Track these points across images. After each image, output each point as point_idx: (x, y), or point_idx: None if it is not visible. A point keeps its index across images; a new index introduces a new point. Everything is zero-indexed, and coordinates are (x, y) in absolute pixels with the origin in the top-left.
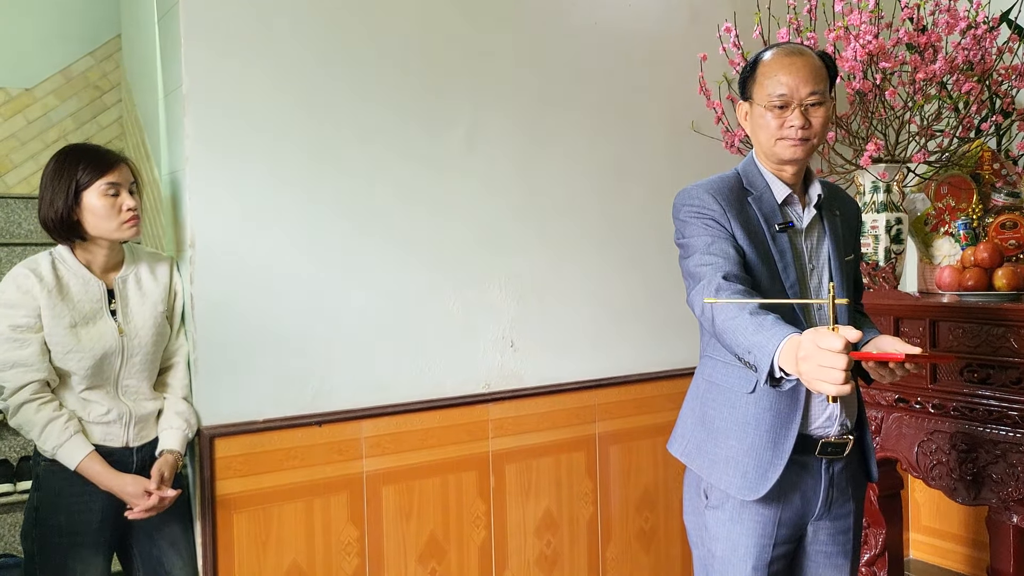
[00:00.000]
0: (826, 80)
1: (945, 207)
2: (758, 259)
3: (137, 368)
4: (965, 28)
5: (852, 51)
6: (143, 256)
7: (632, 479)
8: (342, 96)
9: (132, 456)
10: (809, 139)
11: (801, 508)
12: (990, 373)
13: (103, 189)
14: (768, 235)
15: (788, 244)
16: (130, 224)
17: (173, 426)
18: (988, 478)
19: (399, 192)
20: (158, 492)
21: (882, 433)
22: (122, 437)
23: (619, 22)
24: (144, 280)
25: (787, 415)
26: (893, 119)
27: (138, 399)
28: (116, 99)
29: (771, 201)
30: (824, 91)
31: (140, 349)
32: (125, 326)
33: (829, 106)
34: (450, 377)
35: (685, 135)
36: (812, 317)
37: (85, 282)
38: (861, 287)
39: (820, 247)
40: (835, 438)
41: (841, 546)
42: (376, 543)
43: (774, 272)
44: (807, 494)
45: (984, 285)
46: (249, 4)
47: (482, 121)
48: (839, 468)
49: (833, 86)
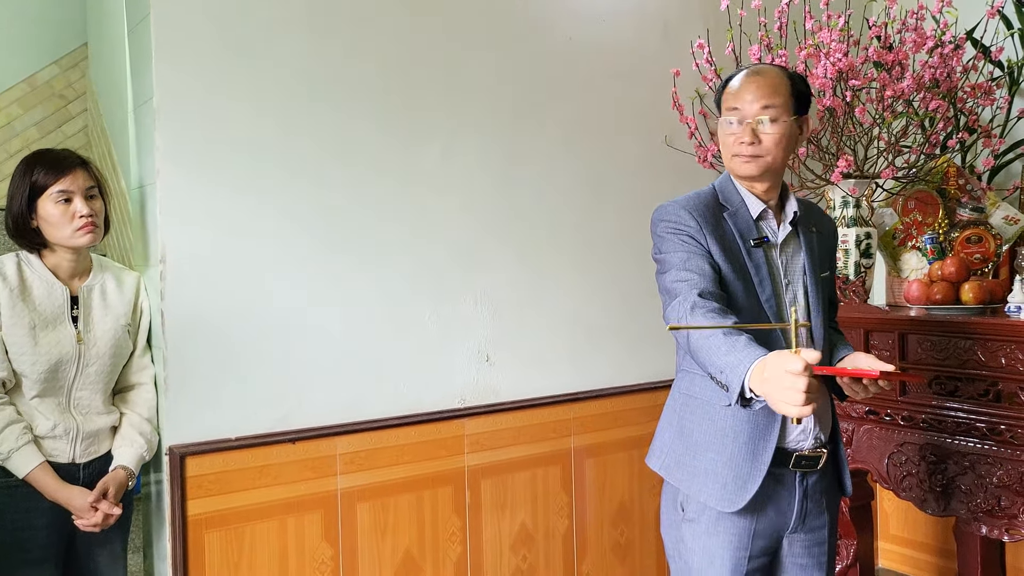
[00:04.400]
0: (785, 97)
1: (912, 222)
2: (734, 274)
3: (92, 379)
4: (932, 47)
5: (822, 68)
6: (111, 268)
7: (607, 492)
8: (317, 111)
9: (79, 472)
10: (760, 156)
11: (776, 520)
12: (958, 385)
13: (55, 197)
14: (744, 250)
15: (763, 259)
16: (84, 231)
17: (131, 443)
18: (957, 489)
19: (374, 208)
20: (103, 508)
21: (853, 445)
22: (68, 453)
23: (593, 38)
24: (110, 291)
25: (765, 428)
26: (862, 135)
27: (89, 413)
28: (82, 108)
29: (746, 216)
30: (780, 107)
31: (97, 360)
32: (85, 335)
33: (786, 124)
34: (426, 392)
35: (659, 150)
36: (789, 334)
37: (49, 286)
38: (836, 304)
39: (795, 262)
40: (809, 451)
41: (815, 558)
42: (351, 561)
43: (750, 287)
44: (782, 506)
45: (951, 299)
46: (222, 17)
47: (458, 137)
48: (813, 481)
49: (804, 105)
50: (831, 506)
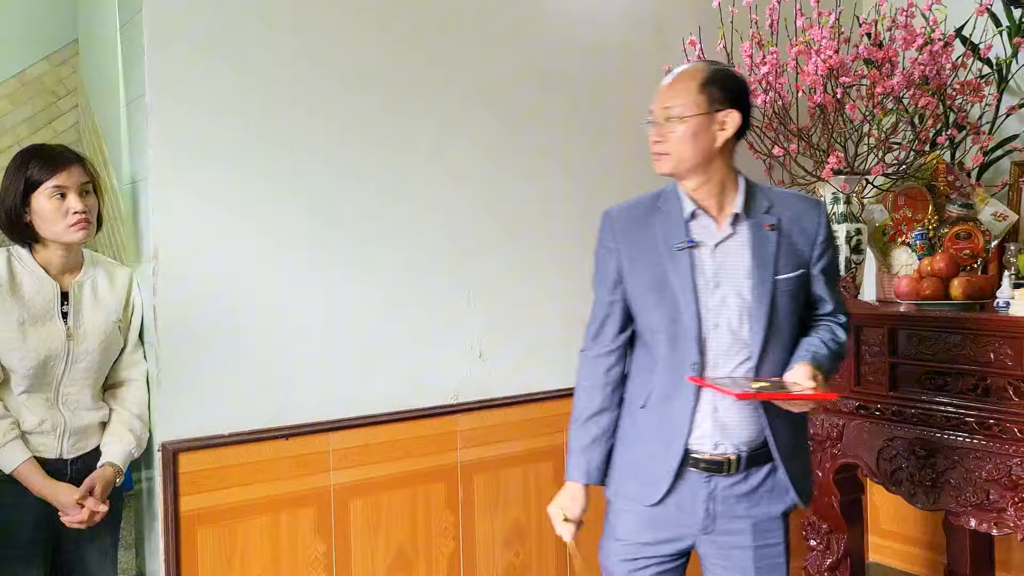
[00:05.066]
0: (693, 95)
1: (902, 218)
2: (646, 286)
3: (80, 375)
4: (922, 44)
5: (813, 65)
6: (104, 264)
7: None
8: (308, 109)
9: (66, 467)
10: (666, 154)
11: (678, 516)
12: (947, 380)
13: (49, 192)
14: (668, 254)
15: (688, 262)
16: (78, 227)
17: (120, 439)
18: (947, 483)
19: (367, 205)
20: (88, 505)
21: (843, 440)
22: (56, 448)
23: (586, 35)
24: (101, 287)
25: (676, 429)
26: (852, 132)
27: (78, 409)
28: (72, 105)
29: (676, 218)
30: (684, 106)
31: (86, 356)
32: (74, 330)
33: (692, 121)
34: (418, 388)
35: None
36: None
37: (39, 282)
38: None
39: (734, 263)
40: (709, 455)
41: (736, 561)
42: (344, 557)
43: (666, 295)
44: (684, 504)
45: (941, 294)
46: (214, 15)
47: (449, 134)
48: (725, 485)
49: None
50: (758, 513)
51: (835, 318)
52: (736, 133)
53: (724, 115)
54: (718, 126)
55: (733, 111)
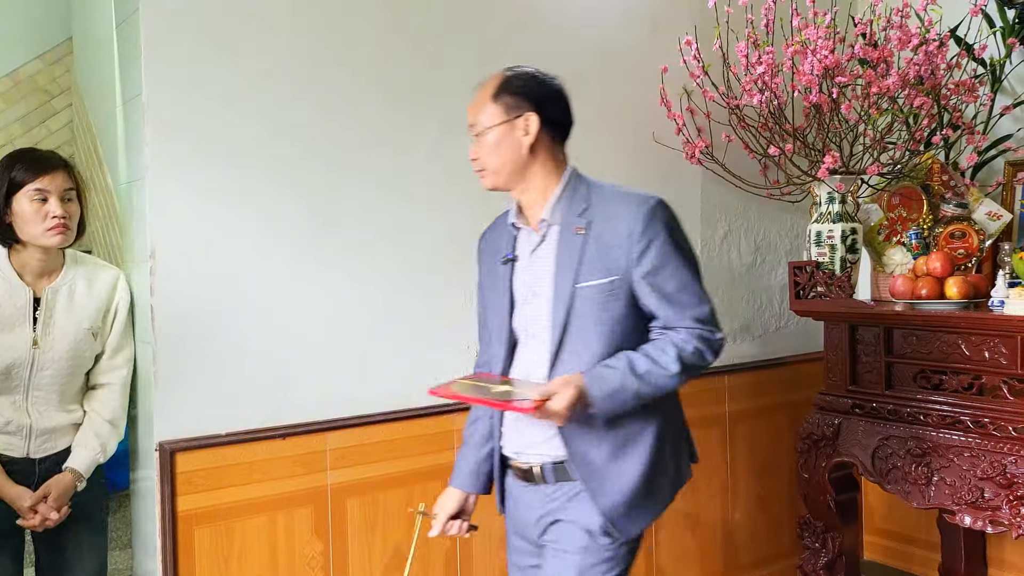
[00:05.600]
0: (488, 107)
1: (897, 217)
2: (486, 299)
3: (47, 380)
4: (917, 44)
5: (809, 65)
6: (88, 265)
7: None
8: (304, 108)
9: (34, 467)
10: (482, 169)
11: (521, 528)
12: (943, 379)
13: (31, 194)
14: (499, 268)
15: (509, 275)
16: (54, 232)
17: (86, 446)
18: (941, 482)
19: (366, 204)
20: (41, 511)
21: (839, 438)
22: (22, 448)
23: (580, 34)
24: (78, 292)
25: (494, 436)
26: (847, 132)
27: (47, 410)
28: (66, 104)
29: (506, 231)
30: (483, 121)
31: (52, 364)
32: (42, 338)
33: (495, 132)
34: (416, 387)
35: (646, 146)
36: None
37: (11, 287)
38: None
39: (544, 271)
40: (516, 464)
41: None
42: (341, 557)
43: (493, 308)
44: (520, 513)
45: (937, 294)
46: (212, 13)
47: (444, 133)
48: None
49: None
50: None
51: (674, 332)
52: (555, 134)
53: (523, 120)
54: (521, 132)
55: (531, 114)
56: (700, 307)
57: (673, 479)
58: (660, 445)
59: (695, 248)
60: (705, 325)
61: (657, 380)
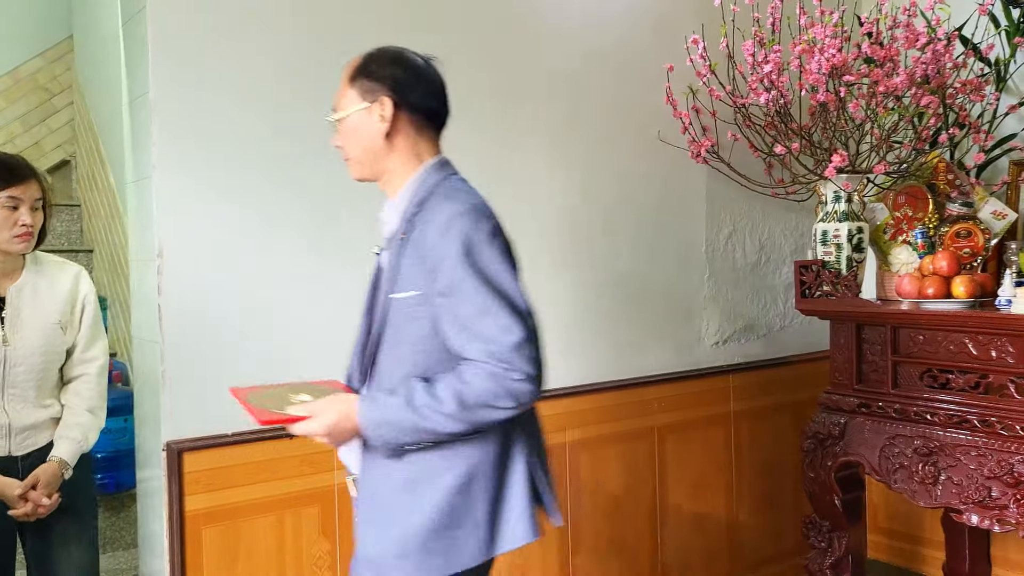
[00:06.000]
0: (345, 91)
1: (903, 216)
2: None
3: (22, 378)
4: (924, 43)
5: (816, 64)
6: (47, 265)
7: (603, 486)
8: (314, 106)
9: (17, 464)
10: (348, 158)
11: None
12: (949, 378)
13: (3, 201)
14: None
15: (374, 273)
16: (20, 239)
17: (68, 436)
18: (948, 481)
19: (371, 202)
20: (32, 498)
21: (845, 438)
22: (4, 446)
23: (586, 32)
24: (41, 290)
25: None
26: (854, 131)
27: (25, 407)
28: (67, 102)
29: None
30: (343, 104)
31: (24, 360)
32: (11, 336)
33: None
34: None
35: (652, 145)
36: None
37: None
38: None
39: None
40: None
41: None
42: (348, 556)
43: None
44: None
45: (944, 293)
46: (218, 11)
47: (449, 131)
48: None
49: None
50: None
51: (465, 365)
52: (419, 122)
53: (378, 105)
54: (377, 119)
55: (385, 98)
56: (499, 340)
57: (485, 539)
58: (463, 493)
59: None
60: (500, 362)
61: (433, 417)
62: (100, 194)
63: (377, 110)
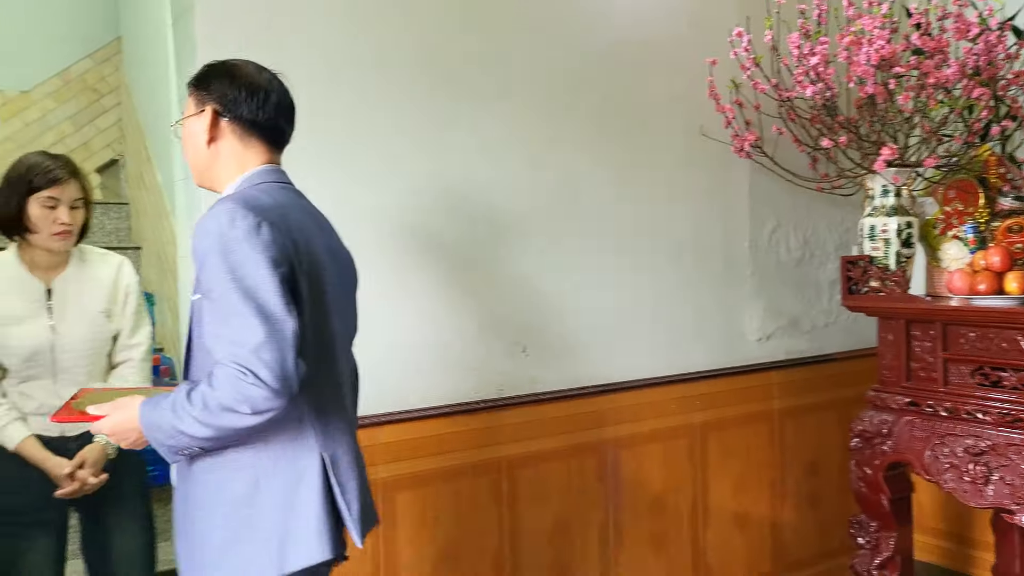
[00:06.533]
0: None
1: (953, 211)
2: None
3: (71, 363)
4: (977, 34)
5: (864, 56)
6: (91, 258)
7: (644, 484)
8: (357, 99)
9: (69, 444)
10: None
11: None
12: (1002, 376)
13: (43, 200)
14: None
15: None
16: (59, 237)
17: None
18: (1000, 481)
19: (408, 198)
20: (79, 477)
21: (893, 437)
22: (57, 428)
23: (629, 26)
24: (85, 281)
25: None
26: (902, 123)
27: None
28: (115, 102)
29: None
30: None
31: (72, 347)
32: (59, 325)
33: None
34: (463, 383)
35: (694, 139)
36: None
37: (21, 282)
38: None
39: None
40: None
41: None
42: (391, 552)
43: None
44: None
45: (996, 289)
46: (268, 9)
47: (490, 125)
48: None
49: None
50: None
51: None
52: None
53: (205, 114)
54: (203, 127)
55: (209, 107)
56: (242, 342)
57: (277, 554)
58: (249, 504)
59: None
60: (240, 365)
61: (186, 420)
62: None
63: (205, 119)
